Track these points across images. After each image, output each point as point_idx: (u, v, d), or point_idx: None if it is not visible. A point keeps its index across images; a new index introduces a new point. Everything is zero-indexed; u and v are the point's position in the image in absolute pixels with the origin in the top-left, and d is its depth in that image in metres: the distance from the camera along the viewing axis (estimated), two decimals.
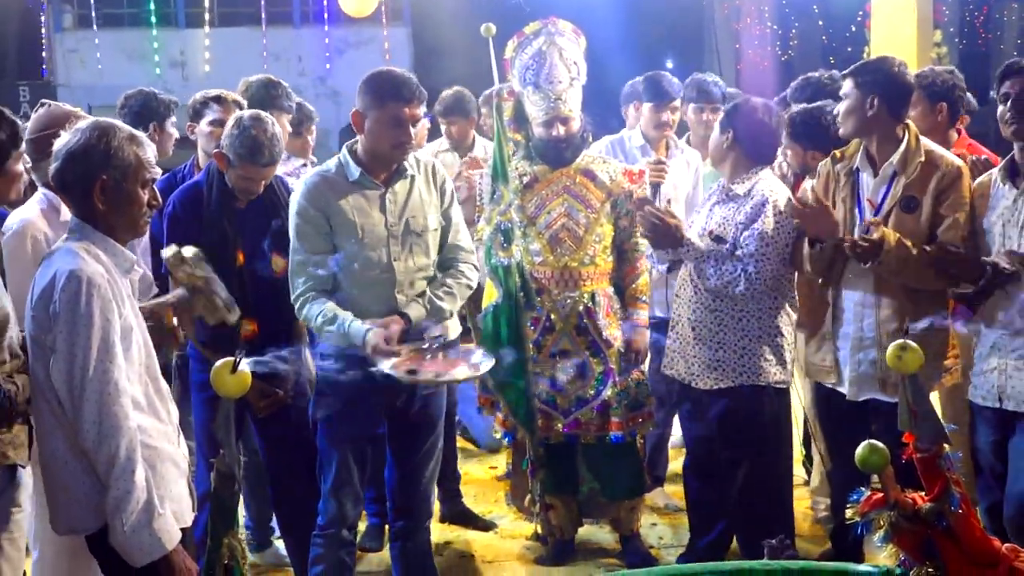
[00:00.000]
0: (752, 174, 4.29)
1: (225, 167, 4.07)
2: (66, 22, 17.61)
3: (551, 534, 4.85)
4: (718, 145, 4.37)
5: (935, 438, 2.67)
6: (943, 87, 4.69)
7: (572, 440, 4.63)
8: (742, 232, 4.20)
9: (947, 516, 2.63)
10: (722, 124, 4.37)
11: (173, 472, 2.95)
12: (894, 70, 4.11)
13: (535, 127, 4.59)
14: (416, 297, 3.96)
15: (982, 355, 3.91)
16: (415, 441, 4.13)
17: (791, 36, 18.31)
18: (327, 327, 3.83)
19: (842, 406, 4.24)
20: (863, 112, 4.09)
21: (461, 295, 4.09)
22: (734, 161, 4.32)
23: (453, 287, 4.05)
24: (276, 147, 4.04)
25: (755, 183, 4.26)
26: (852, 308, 4.16)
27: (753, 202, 4.21)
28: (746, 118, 4.30)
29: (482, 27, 4.55)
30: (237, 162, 4.01)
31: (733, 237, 4.22)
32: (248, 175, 4.05)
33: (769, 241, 4.15)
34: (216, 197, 4.10)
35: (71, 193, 2.92)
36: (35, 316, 2.80)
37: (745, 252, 4.16)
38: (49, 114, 3.84)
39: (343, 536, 4.05)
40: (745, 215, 4.21)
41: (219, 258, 3.92)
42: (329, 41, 17.02)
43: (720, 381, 4.28)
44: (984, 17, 17.60)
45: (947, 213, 3.97)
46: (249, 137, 3.97)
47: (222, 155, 4.05)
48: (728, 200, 4.32)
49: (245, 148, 3.97)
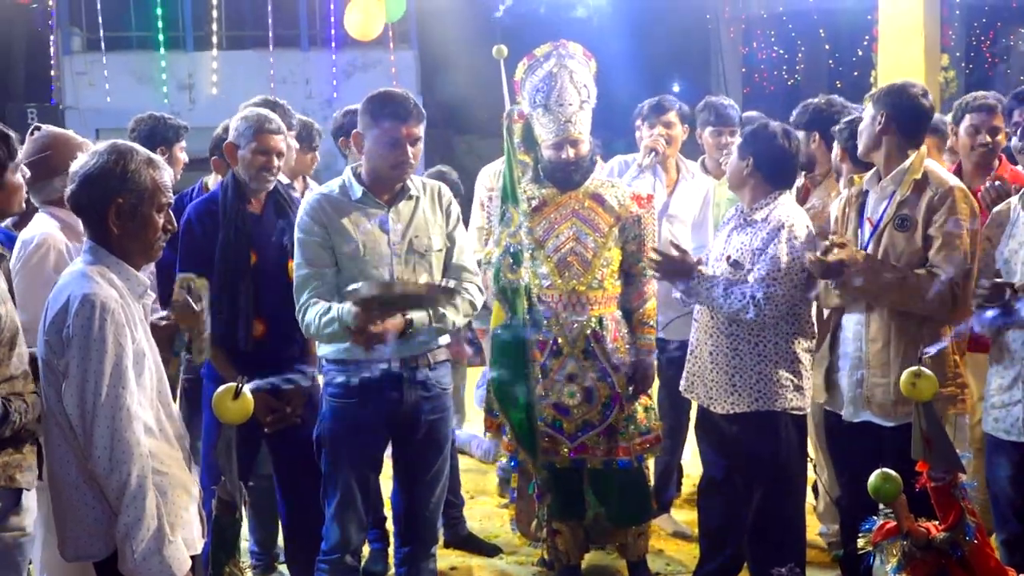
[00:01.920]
0: (771, 199, 4.28)
1: (235, 159, 4.17)
2: (75, 45, 17.66)
3: (557, 559, 4.82)
4: (737, 171, 4.34)
5: (950, 466, 2.66)
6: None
7: (579, 465, 4.61)
8: (758, 258, 4.19)
9: (962, 546, 2.62)
10: (740, 150, 4.33)
11: (184, 498, 2.93)
12: (908, 91, 4.12)
13: (544, 149, 4.58)
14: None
15: (1003, 387, 3.88)
16: (421, 466, 4.12)
17: (798, 60, 18.36)
18: (326, 321, 3.80)
19: (845, 430, 4.23)
20: (873, 128, 4.12)
21: (465, 311, 4.08)
22: (753, 187, 4.30)
23: (458, 302, 4.05)
24: (283, 117, 4.19)
25: (773, 209, 4.25)
26: (851, 328, 4.17)
27: (769, 228, 4.19)
28: (766, 144, 4.27)
29: (494, 49, 4.55)
30: (250, 137, 4.12)
31: (751, 262, 4.22)
32: (262, 146, 4.13)
33: (781, 266, 4.13)
34: (231, 202, 4.17)
35: (86, 215, 2.92)
36: (48, 340, 2.79)
37: (756, 278, 4.15)
38: (45, 136, 3.85)
39: (347, 562, 4.04)
40: (761, 240, 4.19)
41: (233, 259, 4.06)
42: (336, 64, 17.07)
43: (736, 406, 4.26)
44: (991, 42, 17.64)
45: (936, 235, 3.97)
46: (253, 113, 4.16)
47: (232, 145, 4.17)
48: (746, 226, 4.31)
49: (252, 121, 4.13)
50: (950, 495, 2.62)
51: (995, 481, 3.94)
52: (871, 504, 3.15)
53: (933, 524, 2.67)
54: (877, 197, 4.16)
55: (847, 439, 4.25)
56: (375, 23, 11.30)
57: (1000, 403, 3.88)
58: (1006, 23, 18.12)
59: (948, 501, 2.63)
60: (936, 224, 3.97)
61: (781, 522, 4.30)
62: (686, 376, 4.49)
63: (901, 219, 4.04)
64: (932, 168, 4.13)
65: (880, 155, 4.14)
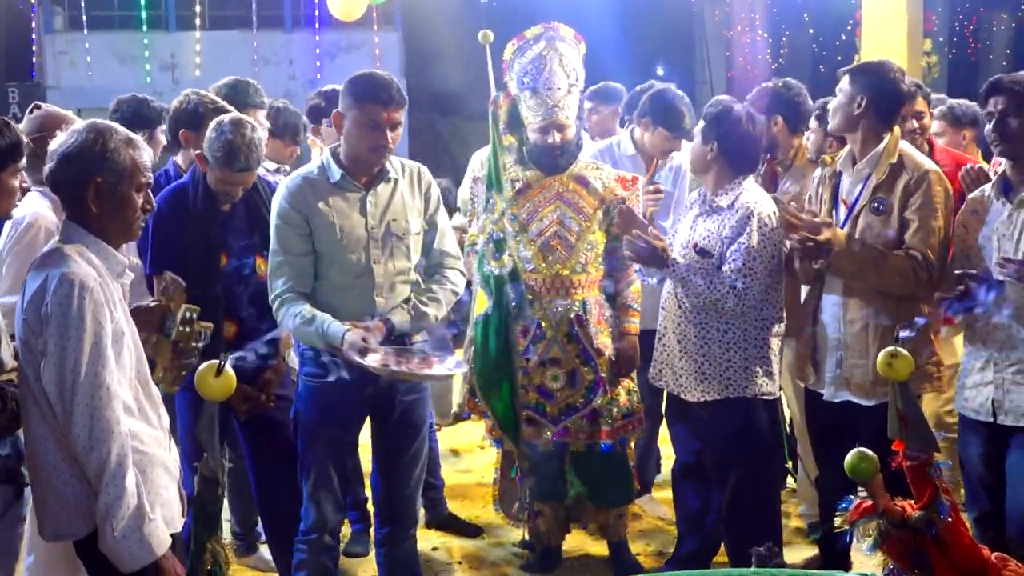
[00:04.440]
0: (736, 184, 4.26)
1: (206, 169, 4.07)
2: (56, 24, 17.53)
3: (539, 540, 4.84)
4: (701, 155, 4.31)
5: (925, 446, 2.68)
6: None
7: (561, 447, 4.62)
8: (728, 247, 4.18)
9: (936, 524, 2.63)
10: (704, 134, 4.29)
11: (164, 477, 2.94)
12: (888, 75, 4.13)
13: (530, 132, 4.56)
14: (402, 303, 3.96)
15: (976, 368, 3.91)
16: (399, 448, 4.12)
17: (782, 44, 18.36)
18: (304, 328, 3.80)
19: (825, 409, 4.26)
20: (850, 109, 4.12)
21: (447, 301, 4.08)
22: (717, 172, 4.28)
23: (438, 293, 4.04)
24: (254, 153, 4.01)
25: (739, 194, 4.23)
26: (829, 310, 4.20)
27: (738, 216, 4.18)
28: (731, 128, 4.24)
29: (479, 34, 4.52)
30: (215, 165, 4.02)
31: (719, 252, 4.20)
32: (225, 179, 4.05)
33: (756, 255, 4.13)
34: (201, 198, 4.10)
35: (64, 194, 2.91)
36: (26, 319, 2.78)
37: (732, 268, 4.14)
38: (42, 116, 3.84)
39: (325, 541, 4.04)
40: (731, 228, 4.18)
41: (201, 259, 3.98)
42: (320, 45, 17.00)
43: (707, 393, 4.27)
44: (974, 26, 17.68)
45: (912, 217, 3.99)
46: (226, 142, 3.96)
47: (203, 157, 4.05)
48: (712, 212, 4.29)
49: (222, 153, 3.97)
50: (925, 474, 2.64)
51: (967, 460, 3.99)
52: (849, 484, 3.18)
53: (909, 503, 2.69)
54: (852, 180, 4.17)
55: (827, 419, 4.28)
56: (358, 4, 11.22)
57: (971, 383, 3.92)
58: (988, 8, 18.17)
59: (923, 480, 2.65)
60: (912, 207, 3.99)
61: (756, 505, 4.32)
62: (654, 364, 4.49)
63: (877, 203, 4.06)
64: (907, 151, 4.15)
65: (856, 137, 4.15)
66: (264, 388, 4.16)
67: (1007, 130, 3.79)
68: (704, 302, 4.17)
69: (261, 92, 4.99)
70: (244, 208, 4.17)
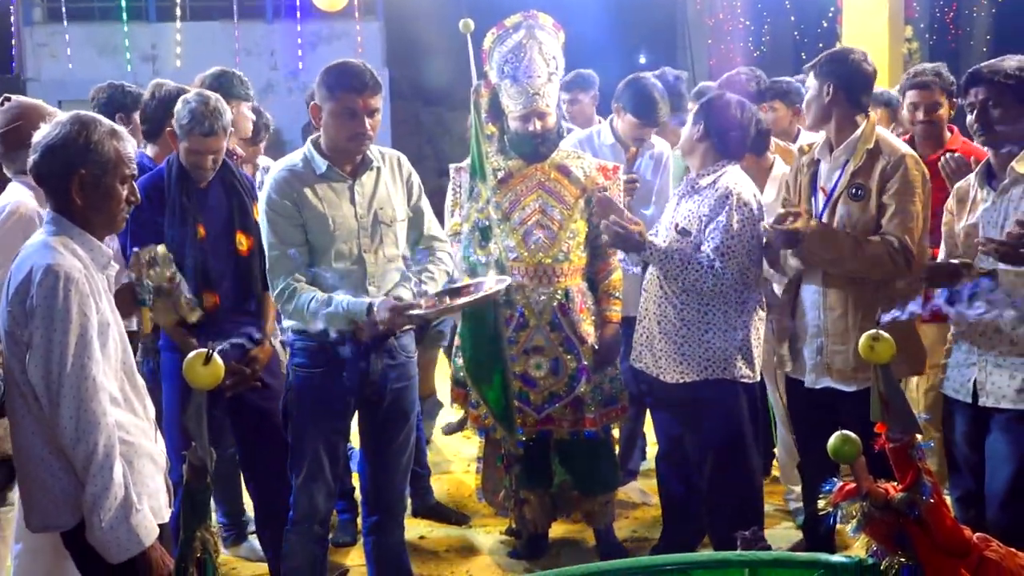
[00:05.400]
0: (719, 167, 4.30)
1: (176, 146, 4.16)
2: (36, 16, 17.37)
3: (525, 528, 4.86)
4: (689, 136, 4.39)
5: (907, 428, 2.70)
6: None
7: (545, 434, 4.64)
8: (706, 225, 4.21)
9: (919, 506, 2.65)
10: (695, 116, 4.38)
11: (150, 468, 2.95)
12: (851, 58, 4.17)
13: (511, 121, 4.57)
14: (401, 282, 3.98)
15: (960, 349, 3.95)
16: (388, 436, 4.13)
17: (763, 32, 18.34)
18: (323, 310, 3.78)
19: (807, 396, 4.29)
20: (821, 100, 4.15)
21: (442, 279, 4.12)
22: (703, 153, 4.34)
23: (435, 272, 4.09)
24: (218, 120, 4.10)
25: (720, 175, 4.27)
26: (809, 297, 4.22)
27: (717, 195, 4.21)
28: (719, 113, 4.32)
29: (460, 23, 4.52)
30: (183, 135, 4.11)
31: (697, 230, 4.24)
32: (194, 147, 4.12)
33: (734, 235, 4.16)
34: (176, 177, 4.17)
35: (48, 186, 2.90)
36: (11, 311, 2.78)
37: (710, 247, 4.17)
38: (15, 107, 3.82)
39: (315, 530, 4.05)
40: (709, 207, 4.21)
41: (180, 233, 4.06)
42: (302, 36, 16.91)
43: (685, 375, 4.30)
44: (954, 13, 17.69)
45: (889, 203, 4.02)
46: (191, 110, 4.09)
47: (173, 133, 4.16)
48: (694, 193, 4.33)
49: (187, 119, 4.08)
50: (907, 456, 2.66)
51: (951, 440, 4.03)
52: (832, 467, 3.21)
53: (892, 485, 2.71)
54: (830, 167, 4.20)
55: (808, 405, 4.31)
56: None
57: (955, 364, 3.96)
58: None
59: (905, 462, 2.67)
60: (889, 192, 4.02)
61: (737, 487, 4.35)
62: (634, 346, 4.52)
63: (856, 188, 4.09)
64: (883, 136, 4.18)
65: (831, 126, 4.18)
66: (250, 364, 4.18)
67: (989, 119, 3.82)
68: (683, 283, 4.20)
69: (247, 84, 4.98)
70: (220, 185, 4.24)
